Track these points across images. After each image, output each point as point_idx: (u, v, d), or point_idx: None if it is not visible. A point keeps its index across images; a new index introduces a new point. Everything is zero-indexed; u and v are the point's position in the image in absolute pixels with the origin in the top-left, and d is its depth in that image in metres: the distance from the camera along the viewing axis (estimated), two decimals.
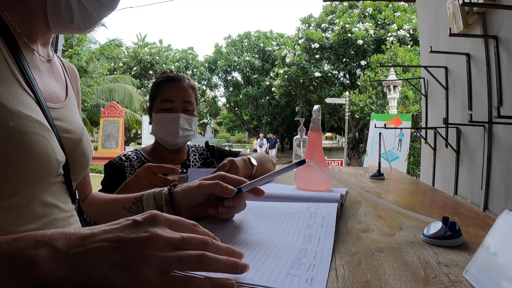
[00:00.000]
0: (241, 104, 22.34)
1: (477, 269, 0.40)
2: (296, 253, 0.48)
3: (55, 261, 0.35)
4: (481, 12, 1.66)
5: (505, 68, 1.51)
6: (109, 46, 19.01)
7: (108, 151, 11.68)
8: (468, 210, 0.79)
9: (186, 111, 1.27)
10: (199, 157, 1.40)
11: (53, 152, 0.54)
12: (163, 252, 0.36)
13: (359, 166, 8.46)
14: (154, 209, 0.68)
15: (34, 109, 0.54)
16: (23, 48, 0.58)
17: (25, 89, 0.54)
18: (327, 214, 0.64)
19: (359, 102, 10.47)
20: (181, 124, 1.25)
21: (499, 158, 1.57)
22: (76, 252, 0.36)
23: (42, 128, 0.53)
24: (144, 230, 0.38)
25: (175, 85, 1.27)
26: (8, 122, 0.49)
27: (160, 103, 1.26)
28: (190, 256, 0.37)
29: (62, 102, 0.65)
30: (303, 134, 1.45)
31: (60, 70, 0.70)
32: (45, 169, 0.54)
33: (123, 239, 0.37)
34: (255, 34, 21.58)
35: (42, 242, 0.36)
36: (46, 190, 0.56)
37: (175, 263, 0.36)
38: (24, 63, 0.56)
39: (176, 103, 1.26)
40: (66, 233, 0.37)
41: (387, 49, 10.36)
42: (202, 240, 0.40)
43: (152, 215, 0.40)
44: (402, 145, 6.43)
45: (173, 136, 1.25)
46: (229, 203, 0.62)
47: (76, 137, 0.64)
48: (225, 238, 0.55)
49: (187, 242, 0.38)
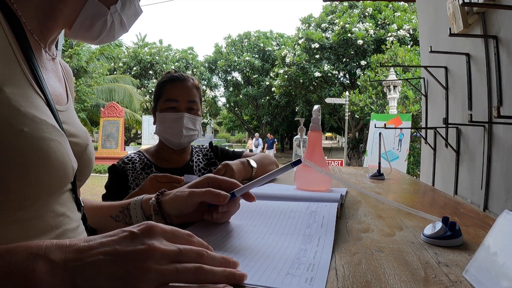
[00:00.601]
0: (241, 104, 22.33)
1: (477, 269, 0.40)
2: (296, 252, 0.48)
3: (52, 276, 0.34)
4: (481, 12, 1.66)
5: (505, 68, 1.51)
6: (109, 46, 19.00)
7: (108, 151, 11.68)
8: (468, 210, 0.79)
9: (190, 111, 1.27)
10: (203, 157, 1.39)
11: (69, 159, 0.51)
12: (161, 265, 0.36)
13: (359, 166, 8.46)
14: (142, 218, 0.66)
15: (46, 112, 0.50)
16: (33, 45, 0.54)
17: (36, 91, 0.50)
18: (327, 214, 0.64)
19: (359, 102, 10.47)
20: (185, 123, 1.24)
21: (499, 158, 1.57)
22: (73, 266, 0.35)
23: (57, 134, 0.49)
24: (141, 243, 0.37)
25: (179, 85, 1.27)
26: (22, 127, 0.44)
27: (164, 102, 1.26)
28: (187, 269, 0.37)
29: (66, 104, 0.62)
30: (303, 134, 1.45)
31: (60, 69, 0.67)
32: (62, 178, 0.50)
33: (120, 252, 0.36)
34: (255, 34, 21.57)
35: (38, 255, 0.35)
36: (57, 200, 0.53)
37: (172, 275, 0.36)
38: (34, 62, 0.52)
39: (180, 102, 1.25)
40: (62, 245, 0.37)
41: (387, 49, 10.36)
42: (198, 252, 0.40)
43: (149, 226, 0.39)
44: (402, 145, 6.43)
45: (177, 135, 1.24)
46: (224, 208, 0.60)
47: (83, 142, 0.61)
48: (224, 238, 0.55)
49: (183, 255, 0.38)
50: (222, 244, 0.52)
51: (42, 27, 0.56)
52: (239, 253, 0.48)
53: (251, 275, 0.41)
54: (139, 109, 17.53)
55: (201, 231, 0.58)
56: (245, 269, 0.43)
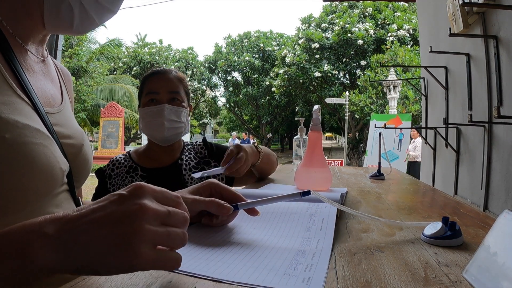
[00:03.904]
0: (241, 104, 22.33)
1: (477, 269, 0.40)
2: (294, 254, 0.48)
3: (48, 248, 0.34)
4: (481, 12, 1.66)
5: (505, 68, 1.51)
6: (109, 46, 19.03)
7: (108, 151, 11.68)
8: (468, 210, 0.79)
9: (172, 101, 1.20)
10: (195, 155, 1.28)
11: (56, 161, 0.51)
12: (154, 226, 0.36)
13: (359, 166, 8.45)
14: None
15: (31, 116, 0.50)
16: (16, 49, 0.54)
17: (20, 95, 0.50)
18: (327, 216, 0.64)
19: (359, 102, 10.48)
20: (167, 115, 1.17)
21: (499, 158, 1.57)
22: (67, 236, 0.35)
23: (41, 137, 0.49)
24: (133, 203, 0.37)
25: (160, 77, 1.22)
26: (4, 134, 0.44)
27: (145, 96, 1.21)
28: (176, 234, 0.37)
29: (59, 106, 0.61)
30: (303, 134, 1.45)
31: (54, 71, 0.67)
32: (49, 181, 0.50)
33: (112, 214, 0.36)
34: (255, 34, 21.57)
35: (33, 231, 0.35)
36: (51, 202, 0.52)
37: (163, 239, 0.36)
38: (17, 66, 0.51)
39: (161, 94, 1.19)
40: (55, 217, 0.36)
41: (387, 49, 10.37)
42: (184, 216, 0.40)
43: (138, 186, 0.39)
44: (402, 145, 6.44)
45: (159, 128, 1.17)
46: (224, 217, 0.59)
47: (78, 143, 0.61)
48: (224, 238, 0.55)
49: (172, 216, 0.38)
50: (221, 244, 0.52)
51: (23, 27, 0.55)
52: (237, 253, 0.48)
53: (249, 275, 0.41)
54: None
55: (199, 232, 0.58)
56: (243, 269, 0.43)
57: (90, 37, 17.40)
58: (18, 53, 0.54)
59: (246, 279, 0.40)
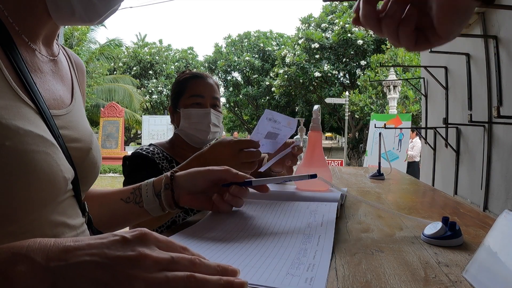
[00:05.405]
0: (241, 104, 22.32)
1: (477, 269, 0.40)
2: (296, 252, 0.48)
3: (32, 277, 0.32)
4: (481, 12, 1.66)
5: (505, 68, 1.51)
6: (109, 46, 19.02)
7: (108, 151, 11.68)
8: (468, 210, 0.79)
9: (214, 107, 1.24)
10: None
11: (59, 170, 0.48)
12: (150, 274, 0.34)
13: (359, 166, 8.46)
14: (152, 196, 0.66)
15: (34, 121, 0.47)
16: (22, 48, 0.51)
17: (23, 99, 0.47)
18: (327, 212, 0.65)
19: (359, 102, 10.48)
20: (212, 119, 1.21)
21: (499, 158, 1.57)
22: (55, 266, 0.33)
23: (45, 144, 0.47)
24: (132, 249, 0.35)
25: (203, 81, 1.25)
26: (4, 141, 0.42)
27: (189, 98, 1.22)
28: (177, 277, 0.34)
29: (68, 107, 0.58)
30: (303, 134, 1.45)
31: (66, 67, 0.63)
32: (51, 190, 0.48)
33: (108, 256, 0.34)
34: (255, 34, 21.56)
35: (19, 255, 0.33)
36: (54, 210, 0.51)
37: (162, 285, 0.33)
38: (22, 67, 0.49)
39: (206, 98, 1.23)
40: (45, 244, 0.34)
41: (387, 49, 10.37)
42: (191, 259, 0.37)
43: (142, 233, 0.37)
44: (402, 145, 6.44)
45: (204, 131, 1.21)
46: (235, 191, 0.63)
47: (85, 146, 0.58)
48: (224, 237, 0.55)
49: (175, 263, 0.36)
50: (222, 244, 0.52)
51: (29, 25, 0.53)
52: (239, 253, 0.48)
53: (251, 274, 0.41)
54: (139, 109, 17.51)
55: (201, 231, 0.58)
56: (245, 268, 0.43)
57: (90, 37, 17.39)
58: (24, 52, 0.51)
59: (249, 278, 0.40)
